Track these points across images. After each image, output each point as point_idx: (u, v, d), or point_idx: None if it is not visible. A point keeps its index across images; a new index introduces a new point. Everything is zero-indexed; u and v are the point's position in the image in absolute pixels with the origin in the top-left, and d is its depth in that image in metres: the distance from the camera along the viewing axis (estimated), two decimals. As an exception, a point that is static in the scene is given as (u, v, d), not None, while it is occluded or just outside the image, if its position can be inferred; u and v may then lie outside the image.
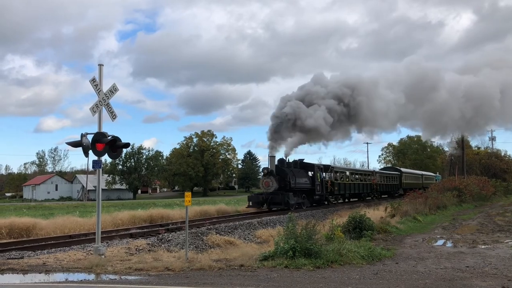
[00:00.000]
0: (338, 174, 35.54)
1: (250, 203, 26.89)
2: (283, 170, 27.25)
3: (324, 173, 32.09)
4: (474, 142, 72.18)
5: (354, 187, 38.11)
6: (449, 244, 14.11)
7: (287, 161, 29.27)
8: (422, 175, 62.80)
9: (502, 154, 73.16)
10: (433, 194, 30.11)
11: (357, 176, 40.84)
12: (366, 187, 40.69)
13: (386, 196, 46.71)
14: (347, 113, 32.00)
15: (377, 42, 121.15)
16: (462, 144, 50.94)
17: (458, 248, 12.95)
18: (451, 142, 66.02)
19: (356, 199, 39.97)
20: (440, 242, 14.73)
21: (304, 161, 31.17)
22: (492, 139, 74.97)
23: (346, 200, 38.68)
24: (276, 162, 27.80)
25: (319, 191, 30.02)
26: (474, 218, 22.94)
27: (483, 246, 13.29)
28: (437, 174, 71.52)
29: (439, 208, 26.55)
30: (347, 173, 39.28)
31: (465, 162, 50.12)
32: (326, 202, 32.33)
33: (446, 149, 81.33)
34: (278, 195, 26.01)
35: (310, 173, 30.02)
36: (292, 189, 26.69)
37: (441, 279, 8.64)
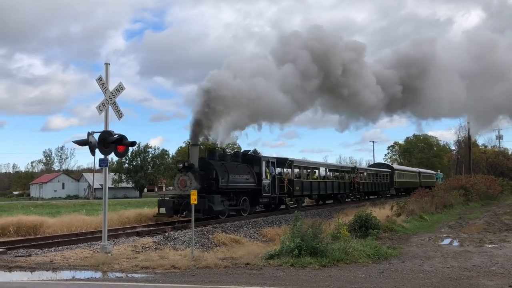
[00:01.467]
0: (301, 170, 29.59)
1: (161, 210, 19.75)
2: (209, 164, 20.24)
3: (280, 169, 26.76)
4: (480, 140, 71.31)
5: (326, 187, 31.39)
6: (455, 243, 14.05)
7: (221, 152, 22.75)
8: (419, 173, 58.53)
9: (509, 152, 72.75)
10: (439, 193, 29.97)
11: (333, 173, 35.39)
12: (344, 187, 34.42)
13: (375, 197, 41.50)
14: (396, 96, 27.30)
15: (385, 39, 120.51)
16: (469, 143, 50.69)
17: (464, 247, 12.89)
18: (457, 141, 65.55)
19: (332, 201, 34.02)
20: (447, 241, 14.67)
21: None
22: (499, 137, 74.56)
23: (321, 203, 33.58)
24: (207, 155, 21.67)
25: (268, 192, 23.35)
26: (481, 217, 22.82)
27: (490, 245, 13.22)
28: (438, 172, 69.00)
29: (446, 207, 26.43)
30: (321, 169, 33.95)
31: (471, 160, 49.84)
32: (283, 206, 25.96)
33: (452, 147, 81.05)
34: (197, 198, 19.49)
35: (258, 169, 23.20)
36: (220, 190, 19.87)
37: (448, 278, 8.61)
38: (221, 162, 20.90)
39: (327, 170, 35.26)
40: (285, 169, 27.28)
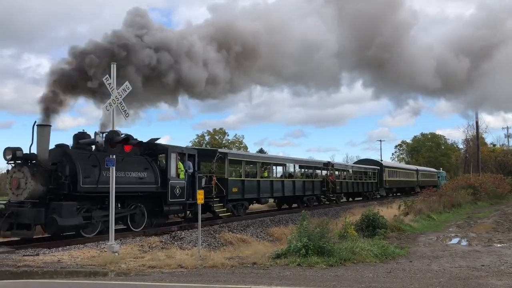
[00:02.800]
0: (243, 166, 22.88)
1: None
2: (66, 155, 14.05)
3: (208, 164, 21.86)
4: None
5: (283, 188, 25.31)
6: (464, 243, 13.95)
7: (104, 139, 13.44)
8: (417, 170, 53.89)
9: (518, 151, 72.02)
10: (447, 192, 29.79)
11: (301, 170, 29.68)
12: (312, 187, 28.48)
13: (360, 198, 37.56)
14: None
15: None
16: (477, 141, 50.29)
17: (473, 247, 12.80)
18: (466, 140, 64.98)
19: (296, 205, 27.79)
20: (455, 240, 14.57)
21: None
22: (508, 136, 73.88)
23: (284, 208, 28.02)
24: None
25: (181, 196, 17.11)
26: (490, 217, 22.65)
27: (499, 245, 13.12)
28: (441, 171, 66.00)
29: (454, 206, 26.26)
30: (274, 166, 26.28)
31: (480, 159, 49.42)
32: (211, 215, 20.05)
33: (460, 146, 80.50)
34: (31, 208, 12.95)
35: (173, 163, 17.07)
36: (78, 195, 13.72)
37: (456, 278, 8.54)
38: (90, 153, 14.41)
39: (291, 167, 28.46)
40: (211, 164, 21.42)
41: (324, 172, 32.12)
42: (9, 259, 11.13)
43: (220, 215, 19.80)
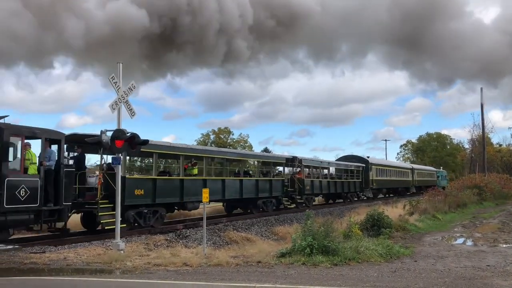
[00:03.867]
0: (155, 160, 17.80)
1: None
2: None
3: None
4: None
5: (224, 189, 20.06)
6: (469, 243, 13.92)
7: None
8: (412, 169, 49.46)
9: (525, 151, 71.60)
10: (452, 192, 29.69)
11: (258, 164, 25.54)
12: (270, 188, 23.57)
13: (341, 201, 33.50)
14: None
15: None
16: (483, 141, 50.05)
17: (478, 247, 12.77)
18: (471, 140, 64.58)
19: (242, 212, 23.74)
20: (460, 240, 14.53)
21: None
22: (514, 136, 73.43)
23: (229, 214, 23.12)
24: None
25: (27, 200, 11.88)
26: (495, 217, 22.56)
27: (504, 245, 13.07)
28: (441, 169, 63.74)
29: (459, 206, 26.19)
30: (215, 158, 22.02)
31: (485, 159, 49.16)
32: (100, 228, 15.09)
33: (466, 146, 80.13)
34: None
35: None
36: None
37: (461, 278, 8.53)
38: None
39: (237, 160, 23.89)
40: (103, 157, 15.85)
41: (289, 170, 28.60)
42: (15, 256, 11.22)
43: (106, 227, 14.28)
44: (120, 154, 12.17)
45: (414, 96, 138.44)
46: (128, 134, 11.90)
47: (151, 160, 20.02)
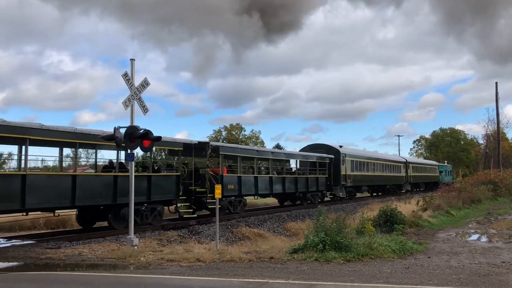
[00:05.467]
0: None
1: None
2: None
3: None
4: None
5: (74, 190, 13.49)
6: (484, 239, 13.77)
7: None
8: (406, 163, 42.79)
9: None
10: (467, 188, 29.39)
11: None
12: (148, 188, 16.05)
13: (303, 204, 26.27)
14: None
15: (415, 31, 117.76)
16: (498, 136, 49.37)
17: (493, 243, 12.64)
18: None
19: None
20: (475, 236, 14.39)
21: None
22: (530, 131, 72.30)
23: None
24: None
25: None
26: (511, 213, 22.28)
27: (520, 241, 12.91)
28: (445, 164, 59.77)
29: (473, 202, 25.94)
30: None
31: (500, 154, 48.49)
32: None
33: (480, 141, 79.11)
34: None
35: None
36: None
37: (476, 274, 8.45)
38: None
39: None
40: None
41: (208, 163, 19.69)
42: (32, 252, 11.41)
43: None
44: (133, 151, 12.25)
45: (428, 91, 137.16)
46: (141, 131, 11.98)
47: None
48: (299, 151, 32.19)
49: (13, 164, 18.07)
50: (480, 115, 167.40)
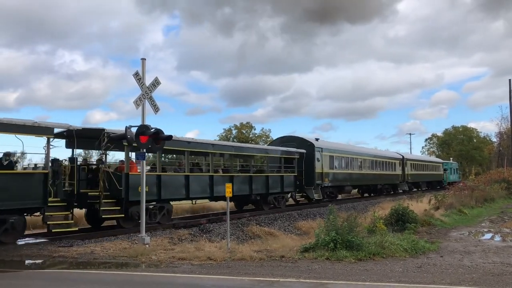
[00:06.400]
0: None
1: None
2: None
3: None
4: None
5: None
6: (497, 238, 13.62)
7: None
8: (402, 159, 38.62)
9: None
10: (480, 186, 29.10)
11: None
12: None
13: (263, 209, 21.99)
14: None
15: (427, 28, 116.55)
16: None
17: (507, 242, 12.50)
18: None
19: None
20: (488, 235, 14.24)
21: None
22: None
23: None
24: None
25: None
26: (525, 212, 22.01)
27: (534, 241, 12.74)
28: (451, 161, 56.26)
29: (486, 201, 25.68)
30: None
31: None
32: None
33: (493, 139, 78.25)
34: None
35: None
36: None
37: (489, 274, 8.36)
38: None
39: None
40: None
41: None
42: (45, 250, 11.54)
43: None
44: (144, 150, 12.31)
45: (440, 89, 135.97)
46: (152, 130, 12.03)
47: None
48: (268, 145, 29.46)
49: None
50: (493, 113, 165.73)
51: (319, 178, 25.81)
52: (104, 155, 15.95)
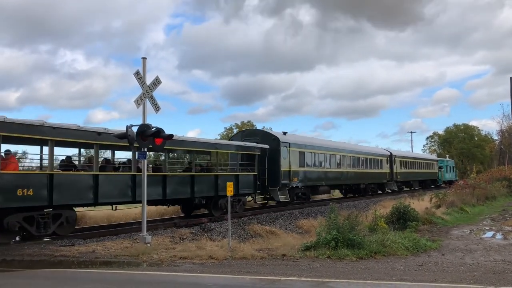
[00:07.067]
0: None
1: None
2: None
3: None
4: None
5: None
6: (499, 236, 13.60)
7: None
8: (390, 156, 35.48)
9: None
10: (481, 185, 29.07)
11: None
12: None
13: (213, 215, 18.43)
14: None
15: (429, 26, 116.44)
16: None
17: (508, 241, 12.48)
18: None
19: None
20: (489, 234, 14.22)
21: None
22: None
23: None
24: None
25: None
26: (526, 210, 21.98)
27: (536, 239, 12.73)
28: (447, 159, 54.07)
29: (488, 199, 25.65)
30: None
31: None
32: None
33: (495, 137, 78.14)
34: None
35: None
36: None
37: (491, 272, 8.35)
38: None
39: None
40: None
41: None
42: (46, 249, 11.54)
43: None
44: (145, 149, 12.31)
45: (442, 87, 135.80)
46: (153, 129, 12.03)
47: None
48: (229, 139, 25.94)
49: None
50: (495, 111, 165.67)
51: (286, 177, 22.48)
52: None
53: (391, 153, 36.71)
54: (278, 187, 22.14)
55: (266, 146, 22.20)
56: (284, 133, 24.25)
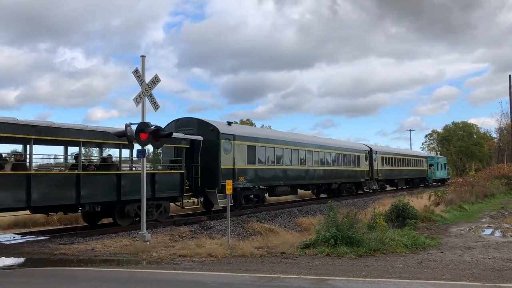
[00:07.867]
0: None
1: None
2: None
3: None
4: None
5: None
6: (497, 234, 13.62)
7: None
8: (370, 152, 32.49)
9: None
10: (480, 182, 29.10)
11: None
12: None
13: (119, 224, 14.85)
14: None
15: (429, 24, 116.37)
16: None
17: (507, 238, 12.50)
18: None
19: None
20: (488, 231, 14.24)
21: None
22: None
23: None
24: None
25: None
26: (525, 207, 22.01)
27: (534, 236, 12.75)
28: (438, 156, 52.71)
29: (487, 197, 25.66)
30: None
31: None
32: None
33: (493, 135, 78.23)
34: None
35: None
36: None
37: (490, 269, 8.38)
38: None
39: None
40: None
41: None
42: (45, 247, 11.55)
43: None
44: (144, 147, 12.31)
45: (441, 85, 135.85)
46: (153, 127, 12.02)
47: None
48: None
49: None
50: (494, 109, 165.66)
51: (228, 176, 18.18)
52: None
53: (371, 148, 33.26)
54: (217, 188, 18.04)
55: (199, 138, 18.22)
56: (229, 123, 20.41)
